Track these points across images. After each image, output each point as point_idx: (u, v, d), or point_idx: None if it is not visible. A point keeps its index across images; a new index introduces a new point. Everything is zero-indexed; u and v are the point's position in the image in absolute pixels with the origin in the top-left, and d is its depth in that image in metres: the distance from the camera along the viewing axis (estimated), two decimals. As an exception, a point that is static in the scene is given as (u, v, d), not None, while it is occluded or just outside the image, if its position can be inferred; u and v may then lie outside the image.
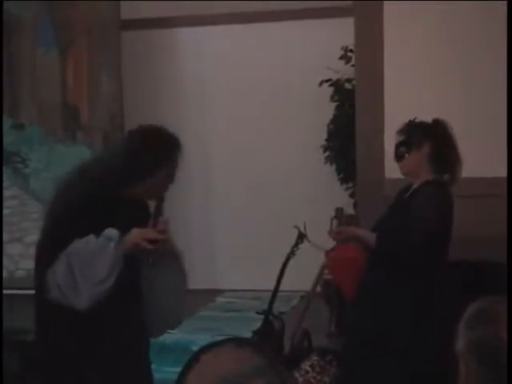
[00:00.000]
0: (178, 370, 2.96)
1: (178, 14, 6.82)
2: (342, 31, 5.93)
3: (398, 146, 3.53)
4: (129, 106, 6.63)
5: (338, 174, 6.46)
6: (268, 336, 4.13)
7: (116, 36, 6.44)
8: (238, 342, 1.30)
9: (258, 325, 4.27)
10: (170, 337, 5.05)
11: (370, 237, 3.45)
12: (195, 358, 1.28)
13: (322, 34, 6.58)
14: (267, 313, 4.24)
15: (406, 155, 3.48)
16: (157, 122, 7.82)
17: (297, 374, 3.77)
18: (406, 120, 3.57)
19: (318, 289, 4.70)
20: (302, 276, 4.65)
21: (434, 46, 5.03)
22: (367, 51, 5.15)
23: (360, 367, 3.39)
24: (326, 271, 4.47)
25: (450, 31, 5.00)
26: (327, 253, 4.16)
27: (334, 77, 6.37)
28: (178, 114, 7.03)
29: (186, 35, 7.02)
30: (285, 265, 4.38)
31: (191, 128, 7.03)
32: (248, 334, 4.21)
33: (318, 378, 3.85)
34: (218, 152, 6.99)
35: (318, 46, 6.56)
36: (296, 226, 4.38)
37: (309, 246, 4.35)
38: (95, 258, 2.50)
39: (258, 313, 4.31)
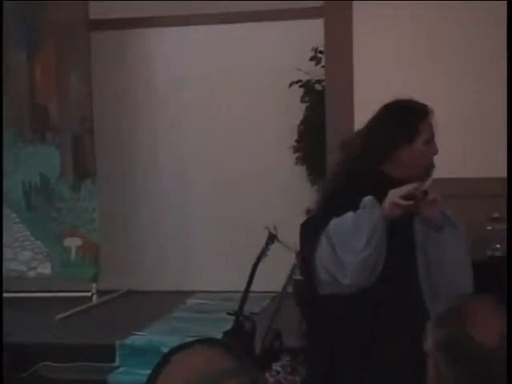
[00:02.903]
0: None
1: (149, 14, 6.79)
2: (312, 32, 5.94)
3: None
4: (99, 108, 6.59)
5: (309, 175, 6.48)
6: (239, 337, 4.13)
7: (85, 36, 6.40)
8: (208, 342, 1.29)
9: (229, 326, 4.27)
10: (140, 339, 5.04)
11: None
12: (165, 359, 1.27)
13: (292, 35, 6.59)
14: (238, 314, 4.24)
15: None
16: (128, 124, 7.71)
17: (268, 375, 3.77)
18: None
19: (290, 289, 4.70)
20: (274, 277, 4.64)
21: (404, 45, 5.07)
22: (337, 52, 5.17)
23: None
24: (297, 271, 4.48)
25: (419, 31, 5.04)
26: (298, 253, 4.16)
27: (305, 78, 6.39)
28: (150, 116, 7.01)
29: (158, 36, 6.99)
30: (255, 266, 4.38)
31: (163, 128, 7.02)
32: (219, 335, 4.21)
33: (289, 378, 3.86)
34: (189, 153, 6.97)
35: (289, 48, 6.57)
36: (266, 227, 4.39)
37: (280, 246, 4.35)
38: (353, 229, 2.47)
39: (228, 314, 4.30)
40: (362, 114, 4.81)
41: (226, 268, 6.47)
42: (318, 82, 6.28)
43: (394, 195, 2.45)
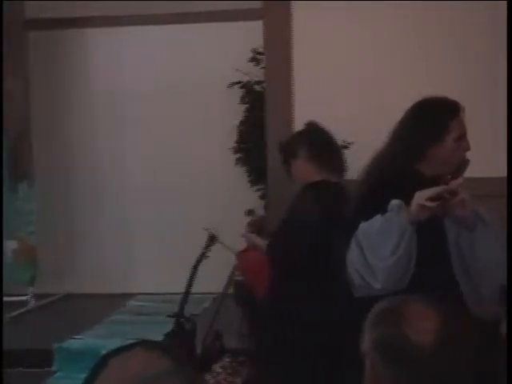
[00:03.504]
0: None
1: (89, 14, 6.71)
2: (252, 33, 5.95)
3: (282, 164, 3.60)
4: (36, 108, 6.49)
5: (249, 176, 6.49)
6: (179, 338, 4.11)
7: (21, 36, 6.29)
8: (147, 345, 1.28)
9: (170, 328, 4.25)
10: (78, 342, 4.97)
11: (264, 245, 3.55)
12: (103, 361, 1.25)
13: (232, 36, 6.59)
14: (178, 315, 4.22)
15: (291, 168, 3.54)
16: (68, 125, 7.57)
17: (208, 376, 3.76)
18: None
19: (230, 290, 4.70)
20: (214, 278, 4.64)
21: (344, 46, 5.10)
22: (276, 53, 5.18)
23: (271, 367, 3.40)
24: (238, 272, 4.48)
25: (359, 31, 5.07)
26: (238, 254, 4.18)
27: (244, 79, 6.40)
28: (91, 116, 6.93)
29: (97, 36, 6.92)
30: (195, 267, 4.37)
31: (102, 128, 6.95)
32: (160, 337, 4.19)
33: (230, 379, 3.86)
34: (130, 153, 6.91)
35: (228, 49, 6.57)
36: (207, 228, 4.38)
37: (221, 247, 4.35)
38: (381, 233, 2.43)
39: (168, 316, 4.28)
40: (302, 115, 4.87)
41: (167, 270, 6.44)
42: (258, 83, 6.29)
43: (421, 197, 2.43)
